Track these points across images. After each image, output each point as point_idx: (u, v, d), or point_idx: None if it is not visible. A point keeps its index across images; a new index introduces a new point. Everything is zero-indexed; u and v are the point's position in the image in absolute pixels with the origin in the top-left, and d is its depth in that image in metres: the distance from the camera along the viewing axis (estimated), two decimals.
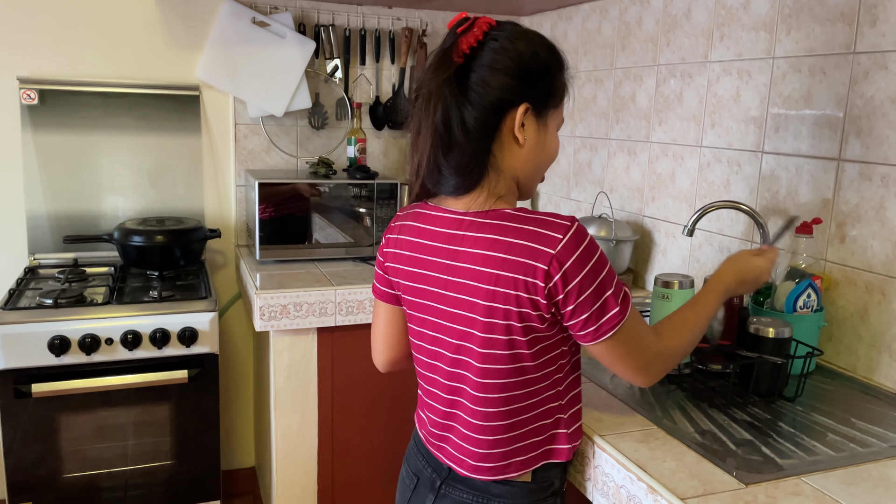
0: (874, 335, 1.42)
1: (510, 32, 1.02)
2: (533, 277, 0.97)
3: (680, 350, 1.10)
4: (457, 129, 1.00)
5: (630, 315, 1.01)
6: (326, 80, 2.53)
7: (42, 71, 2.25)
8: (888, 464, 1.08)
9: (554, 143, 1.09)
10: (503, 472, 1.08)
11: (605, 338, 1.00)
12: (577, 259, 0.96)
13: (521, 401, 1.06)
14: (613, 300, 0.99)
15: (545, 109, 1.05)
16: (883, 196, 1.39)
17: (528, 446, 1.08)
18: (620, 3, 2.16)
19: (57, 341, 1.81)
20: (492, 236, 1.00)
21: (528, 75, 1.01)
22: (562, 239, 0.96)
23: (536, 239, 0.97)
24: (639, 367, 1.04)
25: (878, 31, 1.38)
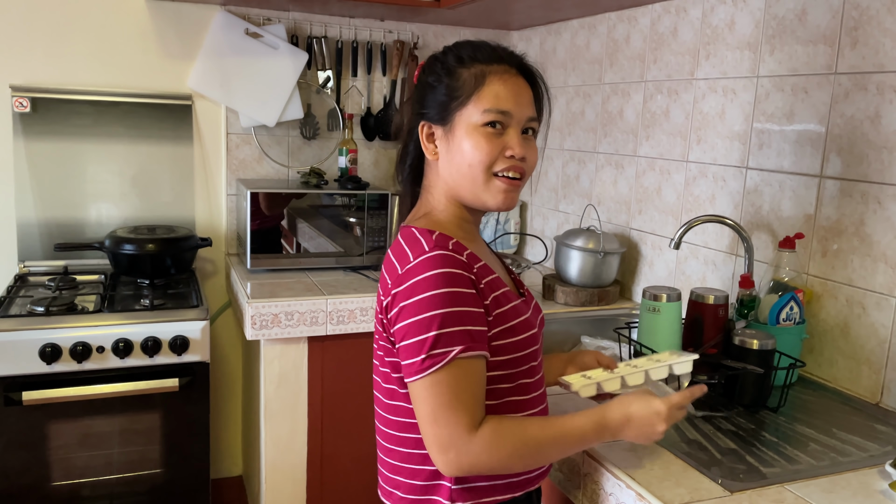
0: (854, 347, 1.46)
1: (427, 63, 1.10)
2: (382, 294, 1.01)
3: (506, 452, 0.94)
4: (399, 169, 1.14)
5: (439, 376, 0.92)
6: (318, 91, 2.55)
7: (34, 79, 2.25)
8: (867, 472, 1.11)
9: (469, 145, 1.02)
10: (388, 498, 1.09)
11: (408, 379, 0.95)
12: (411, 286, 0.95)
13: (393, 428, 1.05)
14: (419, 348, 0.92)
15: (446, 115, 1.04)
16: (863, 212, 1.43)
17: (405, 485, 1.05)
18: (608, 21, 2.21)
19: (48, 349, 1.81)
20: (388, 253, 1.06)
21: (417, 95, 1.07)
22: (411, 261, 0.96)
23: (399, 256, 1.01)
24: (436, 441, 0.93)
25: (858, 53, 1.43)
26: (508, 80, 1.03)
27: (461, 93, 1.02)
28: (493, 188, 1.03)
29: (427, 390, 0.93)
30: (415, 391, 0.95)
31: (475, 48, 1.05)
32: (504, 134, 1.03)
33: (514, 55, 1.07)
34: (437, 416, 0.93)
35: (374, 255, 2.34)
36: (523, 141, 1.04)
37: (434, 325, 0.92)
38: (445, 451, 0.93)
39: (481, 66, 1.03)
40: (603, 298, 2.03)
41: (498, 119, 1.02)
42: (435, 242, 0.98)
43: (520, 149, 1.03)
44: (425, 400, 0.94)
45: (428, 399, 0.93)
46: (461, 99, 1.02)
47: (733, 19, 1.74)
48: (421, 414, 0.95)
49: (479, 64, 1.03)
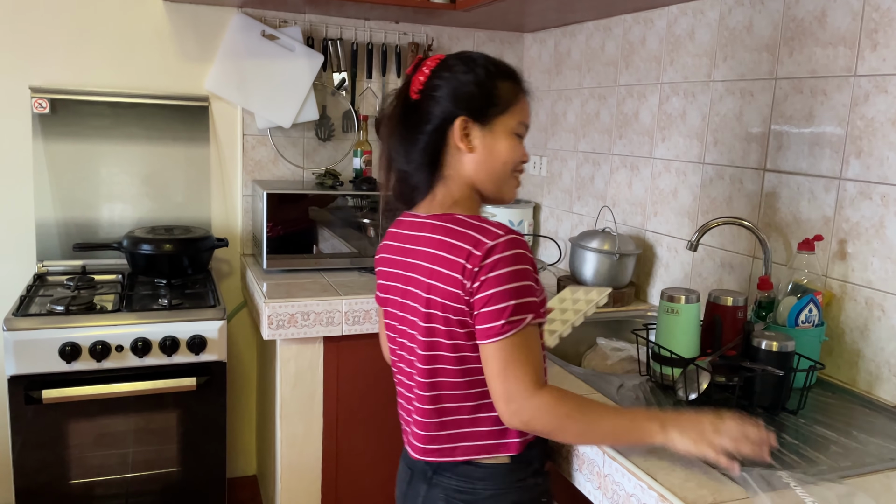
0: (874, 350, 1.45)
1: (452, 61, 1.18)
2: (456, 271, 1.10)
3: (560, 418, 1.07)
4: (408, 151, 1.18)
5: (513, 340, 1.06)
6: (333, 93, 2.56)
7: (53, 80, 2.27)
8: (889, 475, 1.11)
9: (505, 147, 1.18)
10: (451, 455, 1.18)
11: (483, 342, 1.08)
12: (494, 261, 1.07)
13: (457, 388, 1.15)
14: (500, 314, 1.06)
15: (488, 117, 1.17)
16: (882, 214, 1.43)
17: (473, 434, 1.17)
18: (624, 23, 2.21)
19: (68, 348, 1.83)
20: (440, 237, 1.15)
21: (461, 92, 1.16)
22: (488, 242, 1.08)
23: (469, 239, 1.10)
24: (503, 394, 1.07)
25: (879, 55, 1.43)
26: (529, 101, 1.23)
27: (501, 102, 1.17)
28: (511, 184, 1.23)
29: (502, 350, 1.07)
30: (488, 351, 1.08)
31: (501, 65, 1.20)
32: (521, 144, 1.22)
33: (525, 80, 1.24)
34: (507, 372, 1.07)
35: None
36: None
37: (515, 295, 1.07)
38: (509, 402, 1.07)
39: (513, 84, 1.20)
40: (618, 300, 2.03)
41: (523, 133, 1.21)
42: (505, 227, 1.12)
43: (528, 156, 1.24)
44: (498, 358, 1.07)
45: (501, 357, 1.07)
46: (501, 107, 1.17)
47: (751, 21, 1.73)
48: (493, 371, 1.08)
49: (511, 81, 1.20)
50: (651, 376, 1.49)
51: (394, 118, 1.20)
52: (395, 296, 1.23)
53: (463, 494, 1.18)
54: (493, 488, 1.17)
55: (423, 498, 1.23)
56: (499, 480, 1.17)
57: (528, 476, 1.19)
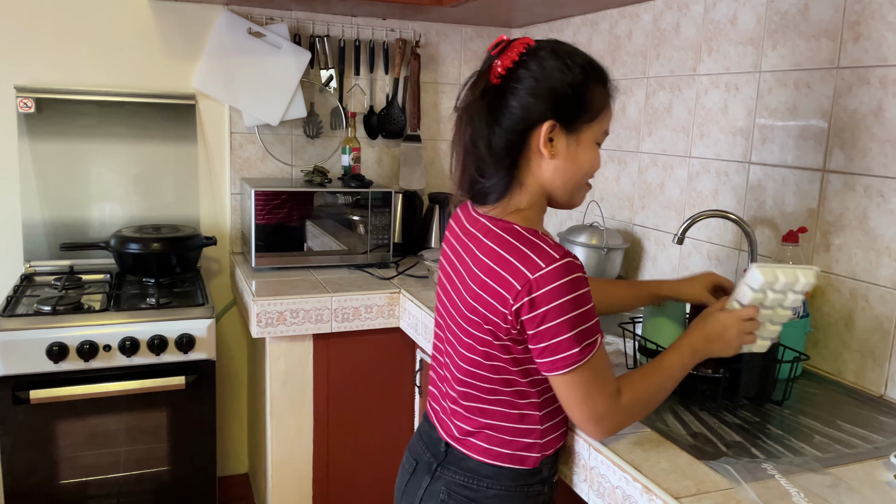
0: (858, 341, 1.46)
1: (544, 52, 1.08)
2: (507, 292, 1.05)
3: (640, 407, 1.12)
4: (482, 148, 1.10)
5: (591, 363, 1.05)
6: (321, 90, 2.56)
7: (39, 79, 2.26)
8: (873, 464, 1.12)
9: (587, 157, 1.11)
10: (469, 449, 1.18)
11: (558, 373, 1.06)
12: (551, 291, 1.02)
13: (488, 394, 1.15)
14: (574, 342, 1.03)
15: (576, 124, 1.09)
16: (866, 206, 1.44)
17: (492, 438, 1.16)
18: (611, 17, 2.22)
19: (55, 348, 1.82)
20: (492, 245, 1.10)
21: (553, 93, 1.06)
22: (543, 268, 1.03)
23: (523, 260, 1.05)
24: (591, 416, 1.08)
25: (861, 47, 1.44)
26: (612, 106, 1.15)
27: (592, 108, 1.10)
28: (583, 191, 1.18)
29: (581, 375, 1.06)
30: (566, 382, 1.07)
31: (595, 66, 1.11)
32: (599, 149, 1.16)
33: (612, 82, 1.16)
34: (591, 394, 1.07)
35: (378, 252, 2.35)
36: None
37: (582, 322, 1.04)
38: (599, 422, 1.09)
39: (604, 87, 1.12)
40: None
41: (605, 139, 1.15)
42: (556, 245, 1.06)
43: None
44: (579, 387, 1.06)
45: (581, 386, 1.06)
46: (591, 114, 1.10)
47: (736, 14, 1.74)
48: (574, 398, 1.07)
49: (603, 86, 1.12)
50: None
51: (473, 106, 1.10)
52: (442, 286, 1.24)
53: (466, 490, 1.18)
54: (497, 488, 1.17)
55: (425, 490, 1.22)
56: (505, 482, 1.16)
57: (535, 483, 1.18)
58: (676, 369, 1.15)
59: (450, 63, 2.73)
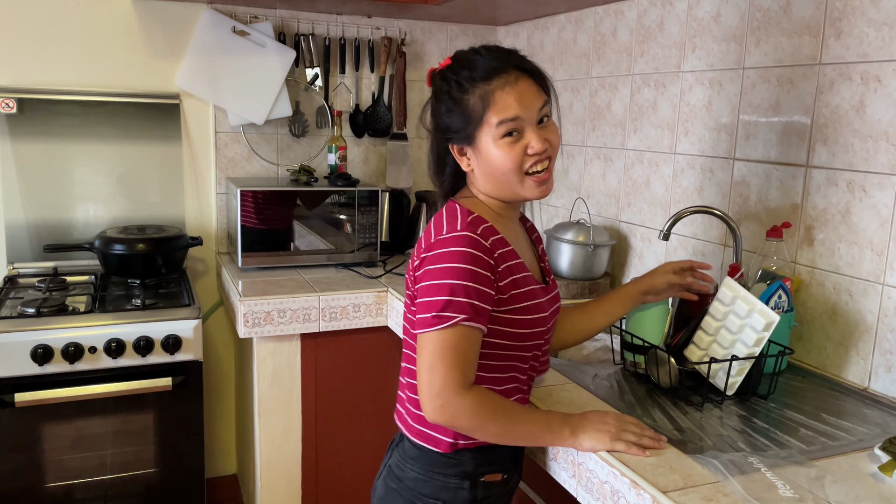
0: (842, 334, 1.48)
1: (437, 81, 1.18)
2: (414, 258, 1.17)
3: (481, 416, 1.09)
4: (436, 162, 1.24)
5: (445, 335, 1.06)
6: (307, 89, 2.55)
7: (20, 80, 2.24)
8: (857, 456, 1.13)
9: (494, 156, 1.13)
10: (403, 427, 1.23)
11: (417, 331, 1.11)
12: (437, 255, 1.10)
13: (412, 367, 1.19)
14: (432, 306, 1.07)
15: (469, 136, 1.14)
16: (848, 201, 1.45)
17: (415, 415, 1.19)
18: (595, 15, 2.22)
19: (40, 350, 1.81)
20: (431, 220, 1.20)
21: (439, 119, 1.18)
22: (441, 235, 1.12)
23: (436, 225, 1.15)
24: (429, 387, 1.07)
25: (843, 43, 1.45)
26: (509, 89, 1.12)
27: (474, 115, 1.13)
28: (527, 186, 1.16)
29: (430, 343, 1.08)
30: (420, 342, 1.10)
31: (472, 68, 1.13)
32: (522, 136, 1.13)
33: (508, 59, 1.14)
34: (434, 366, 1.07)
35: (365, 251, 2.34)
36: (540, 130, 1.14)
37: (446, 291, 1.07)
38: (433, 398, 1.07)
39: (483, 85, 1.12)
40: (593, 291, 2.04)
41: (513, 127, 1.12)
42: (469, 223, 1.12)
43: (539, 143, 1.13)
44: (427, 351, 1.08)
45: (429, 351, 1.08)
46: (476, 120, 1.13)
47: (719, 11, 1.75)
48: (421, 362, 1.09)
49: (480, 84, 1.12)
50: (624, 365, 1.50)
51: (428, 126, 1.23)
52: None
53: (397, 470, 1.22)
54: (416, 471, 1.19)
55: (384, 465, 1.27)
56: (425, 465, 1.19)
57: (453, 476, 1.18)
58: (539, 420, 1.14)
59: (435, 61, 2.73)
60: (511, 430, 1.13)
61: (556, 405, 1.29)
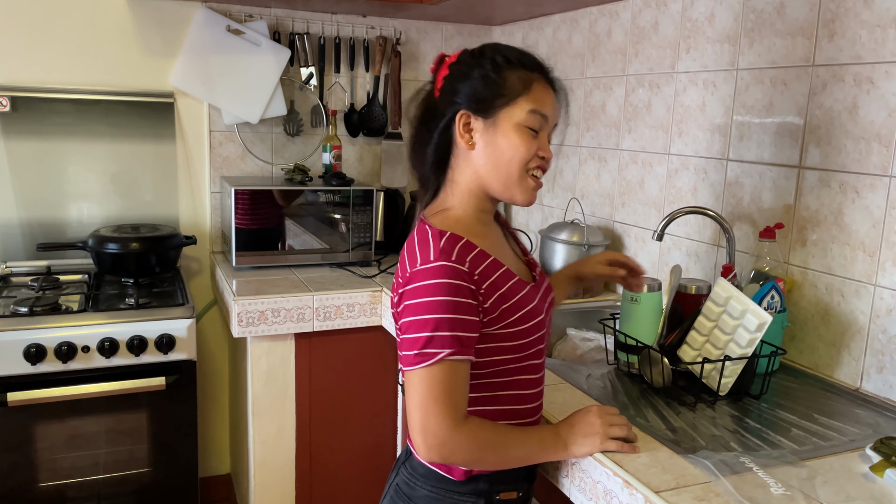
0: (834, 335, 1.48)
1: (464, 56, 1.12)
2: (394, 291, 1.11)
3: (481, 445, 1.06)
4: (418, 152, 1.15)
5: (429, 372, 1.01)
6: (301, 88, 2.55)
7: (14, 78, 2.23)
8: (849, 456, 1.14)
9: (508, 142, 1.09)
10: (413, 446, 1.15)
11: (405, 368, 1.05)
12: (415, 288, 1.04)
13: None
14: (414, 344, 1.02)
15: (491, 110, 1.09)
16: (841, 202, 1.46)
17: None
18: (590, 15, 2.23)
19: (33, 349, 1.80)
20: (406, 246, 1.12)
21: (464, 87, 1.10)
22: (417, 266, 1.05)
23: (411, 257, 1.08)
24: (421, 427, 1.02)
25: (836, 45, 1.46)
26: (548, 89, 1.12)
27: (508, 92, 1.08)
28: (524, 185, 1.12)
29: (418, 382, 1.03)
30: (408, 379, 1.05)
31: (520, 53, 1.12)
32: (538, 136, 1.11)
33: (547, 68, 1.14)
34: (427, 406, 1.02)
35: (360, 251, 2.34)
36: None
37: (429, 327, 1.02)
38: (427, 437, 1.03)
39: (527, 71, 1.10)
40: (588, 291, 2.05)
41: (539, 122, 1.10)
42: (441, 249, 1.05)
43: (550, 152, 1.13)
44: (416, 390, 1.03)
45: (418, 390, 1.03)
46: (507, 98, 1.08)
47: (713, 13, 1.76)
48: (411, 401, 1.04)
49: (524, 69, 1.10)
50: (618, 365, 1.50)
51: (414, 118, 1.16)
52: None
53: (406, 487, 1.17)
54: (427, 489, 1.14)
55: (390, 484, 1.23)
56: (436, 484, 1.14)
57: (469, 494, 1.13)
58: (533, 441, 1.12)
59: (430, 61, 2.72)
60: (508, 457, 1.10)
61: (550, 405, 1.29)
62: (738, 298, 1.33)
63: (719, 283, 1.38)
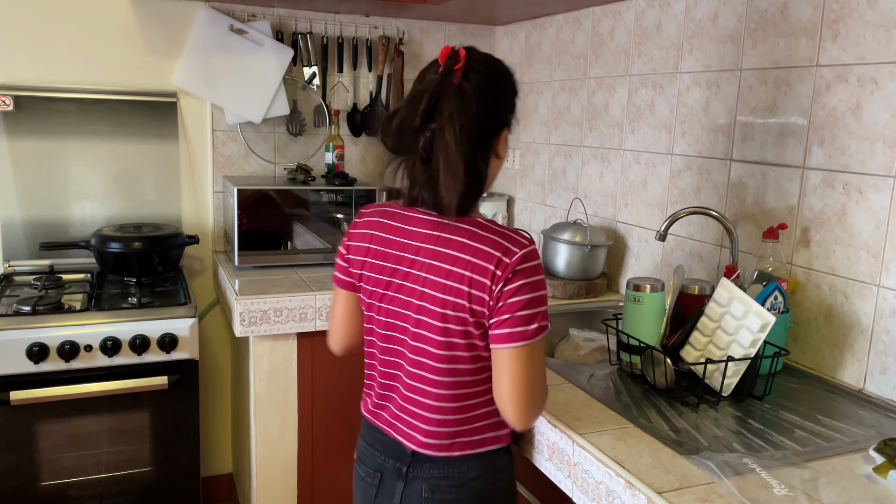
0: (837, 336, 1.48)
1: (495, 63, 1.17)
2: (484, 277, 1.10)
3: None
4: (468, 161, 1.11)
5: (539, 344, 1.12)
6: (304, 88, 2.55)
7: (17, 77, 2.23)
8: (852, 457, 1.13)
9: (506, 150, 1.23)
10: (447, 450, 1.18)
11: (511, 345, 1.10)
12: (524, 270, 1.10)
13: (471, 387, 1.17)
14: (537, 318, 1.11)
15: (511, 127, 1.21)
16: (844, 203, 1.46)
17: (474, 429, 1.19)
18: (593, 15, 2.22)
19: (36, 348, 1.80)
20: (463, 240, 1.13)
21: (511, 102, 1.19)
22: (517, 252, 1.10)
23: (498, 248, 1.11)
24: (526, 394, 1.11)
25: (839, 45, 1.45)
26: None
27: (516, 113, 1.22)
28: None
29: (531, 353, 1.11)
30: (514, 354, 1.11)
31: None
32: None
33: None
34: (535, 376, 1.13)
35: None
36: None
37: (545, 303, 1.12)
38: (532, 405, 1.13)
39: None
40: (590, 291, 2.05)
41: None
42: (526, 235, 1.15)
43: None
44: (526, 361, 1.11)
45: (529, 360, 1.11)
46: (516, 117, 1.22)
47: (716, 13, 1.75)
48: (518, 373, 1.11)
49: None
50: (620, 365, 1.50)
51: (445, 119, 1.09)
52: (398, 292, 1.18)
53: (448, 479, 1.18)
54: (477, 469, 1.19)
55: (402, 494, 1.20)
56: (483, 461, 1.20)
57: (504, 454, 1.24)
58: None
59: None
60: None
61: (552, 406, 1.29)
62: (742, 299, 1.33)
63: (722, 284, 1.38)
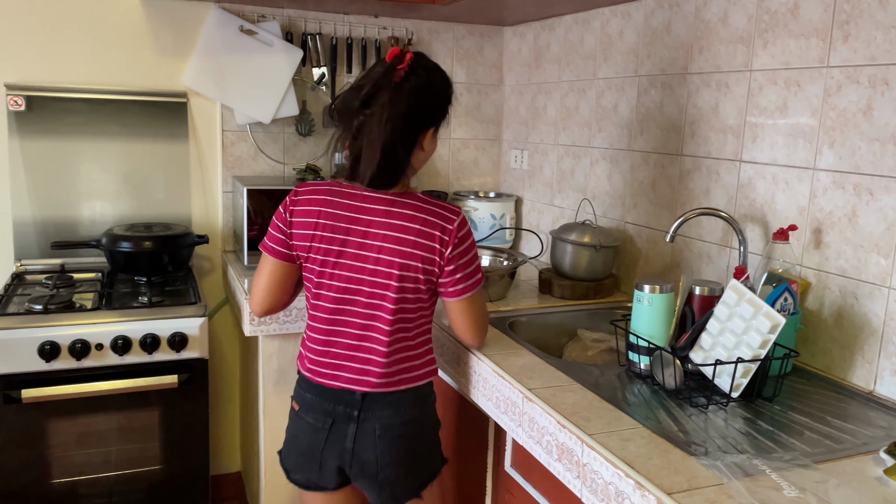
0: (847, 337, 1.48)
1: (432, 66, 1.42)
2: (434, 243, 1.40)
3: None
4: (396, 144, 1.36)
5: (481, 288, 1.49)
6: (313, 88, 2.55)
7: (29, 77, 2.25)
8: (862, 459, 1.13)
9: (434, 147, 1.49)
10: (395, 386, 1.45)
11: (466, 295, 1.46)
12: (463, 236, 1.43)
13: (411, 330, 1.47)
14: (477, 271, 1.47)
15: (438, 128, 1.47)
16: (855, 204, 1.45)
17: (414, 366, 1.48)
18: (602, 16, 2.22)
19: (47, 347, 1.82)
20: (411, 213, 1.41)
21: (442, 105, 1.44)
22: (455, 220, 1.42)
23: (440, 218, 1.42)
24: (479, 327, 1.52)
25: (850, 46, 1.45)
26: None
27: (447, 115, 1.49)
28: None
29: (477, 299, 1.50)
30: (465, 302, 1.47)
31: None
32: None
33: None
34: (481, 313, 1.52)
35: None
36: None
37: (478, 259, 1.49)
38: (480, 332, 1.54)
39: None
40: (599, 292, 2.04)
41: None
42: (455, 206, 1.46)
43: None
44: (475, 304, 1.49)
45: (477, 303, 1.50)
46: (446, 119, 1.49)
47: (726, 14, 1.75)
48: (468, 313, 1.49)
49: None
50: (629, 366, 1.50)
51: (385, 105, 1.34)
52: (347, 259, 1.42)
53: (398, 416, 1.45)
54: (416, 402, 1.48)
55: (355, 435, 1.44)
56: (420, 399, 1.50)
57: (431, 391, 1.54)
58: None
59: (442, 61, 2.72)
60: None
61: (561, 406, 1.29)
62: (751, 300, 1.33)
63: (732, 285, 1.38)
